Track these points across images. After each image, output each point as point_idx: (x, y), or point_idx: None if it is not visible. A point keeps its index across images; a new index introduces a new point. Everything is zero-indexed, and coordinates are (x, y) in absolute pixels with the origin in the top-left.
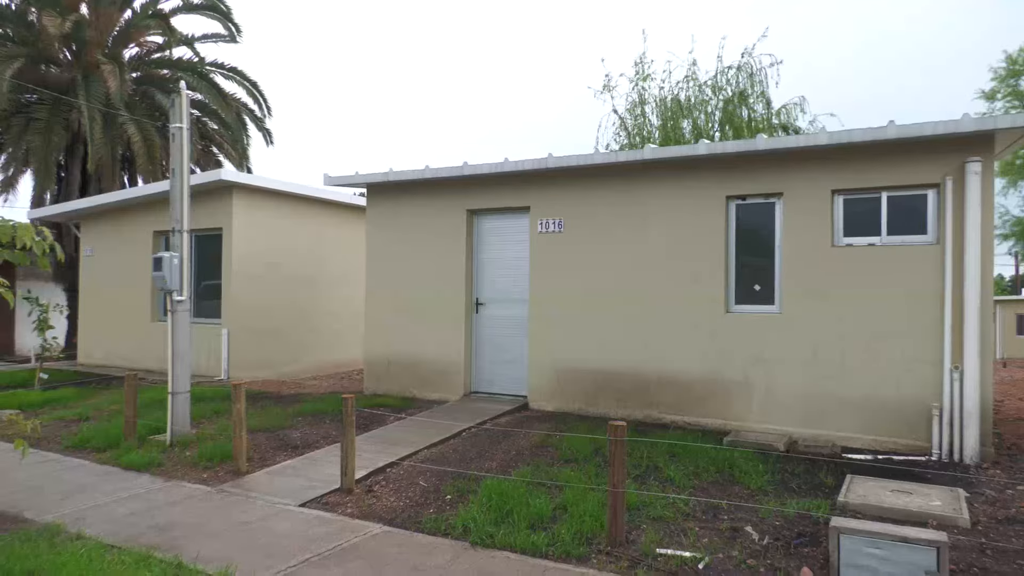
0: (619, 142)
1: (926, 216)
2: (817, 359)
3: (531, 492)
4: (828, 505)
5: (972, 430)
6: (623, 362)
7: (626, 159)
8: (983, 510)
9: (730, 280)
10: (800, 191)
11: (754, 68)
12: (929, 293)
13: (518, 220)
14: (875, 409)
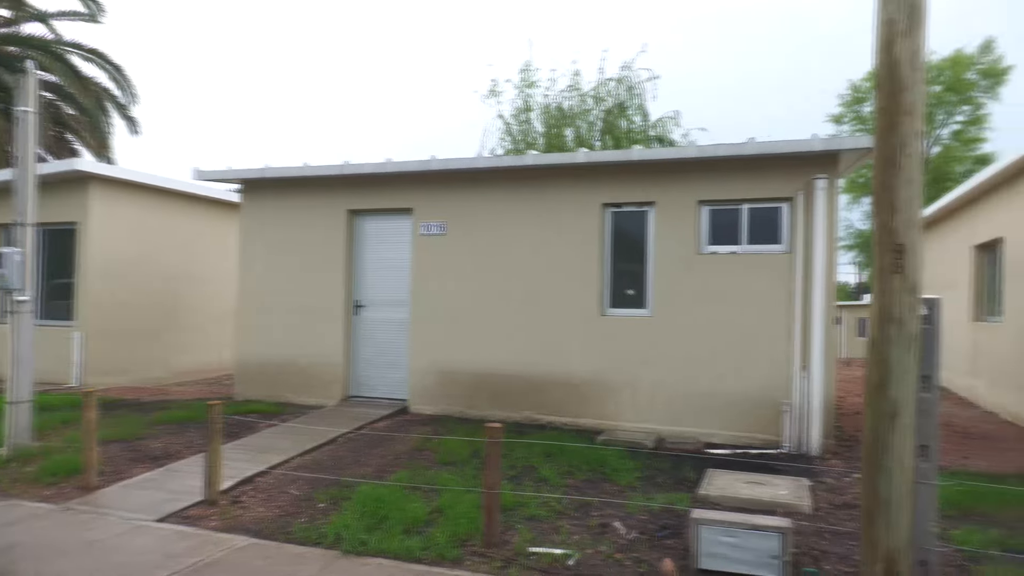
0: (505, 147)
1: (780, 227)
2: (684, 360)
3: (407, 496)
4: (690, 498)
5: (817, 425)
6: (503, 364)
7: (508, 164)
8: (823, 497)
9: (606, 284)
10: (670, 200)
11: (633, 81)
12: (782, 298)
13: (400, 222)
14: (734, 406)
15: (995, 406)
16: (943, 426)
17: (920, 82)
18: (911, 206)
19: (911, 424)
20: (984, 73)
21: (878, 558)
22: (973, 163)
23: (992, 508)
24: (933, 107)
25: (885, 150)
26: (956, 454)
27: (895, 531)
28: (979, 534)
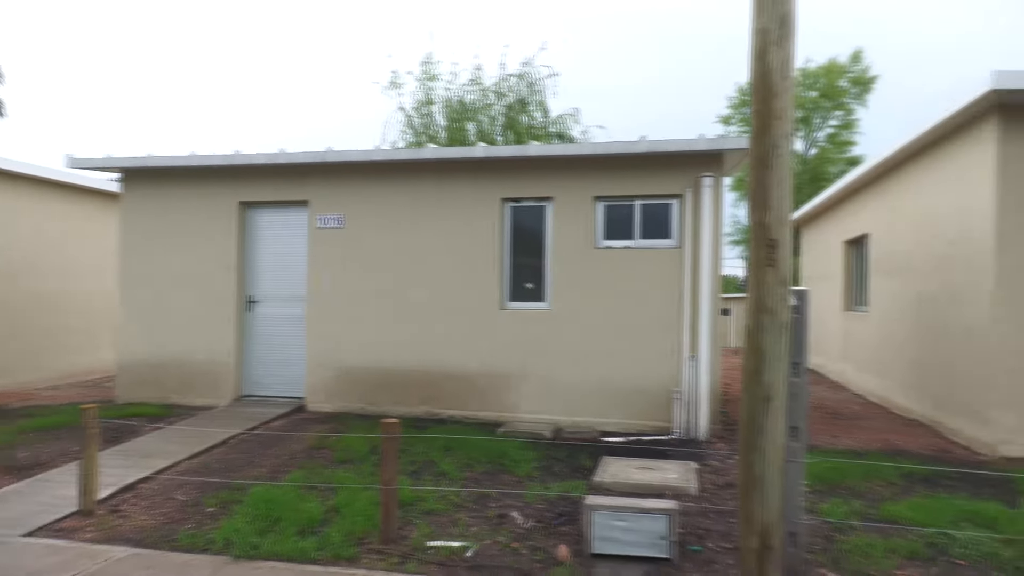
0: (406, 139)
1: (671, 223)
2: (581, 352)
3: (302, 497)
4: (585, 485)
5: (704, 410)
6: (404, 359)
7: (407, 157)
8: (709, 478)
9: (505, 278)
10: (567, 196)
11: (534, 78)
12: (673, 291)
13: (296, 214)
14: (629, 395)
15: (862, 389)
16: (817, 408)
17: (790, 89)
18: (782, 204)
19: (783, 407)
20: (854, 81)
21: (754, 532)
22: (845, 164)
23: (856, 482)
24: (810, 112)
25: (759, 151)
26: (827, 434)
27: (768, 506)
28: (844, 506)
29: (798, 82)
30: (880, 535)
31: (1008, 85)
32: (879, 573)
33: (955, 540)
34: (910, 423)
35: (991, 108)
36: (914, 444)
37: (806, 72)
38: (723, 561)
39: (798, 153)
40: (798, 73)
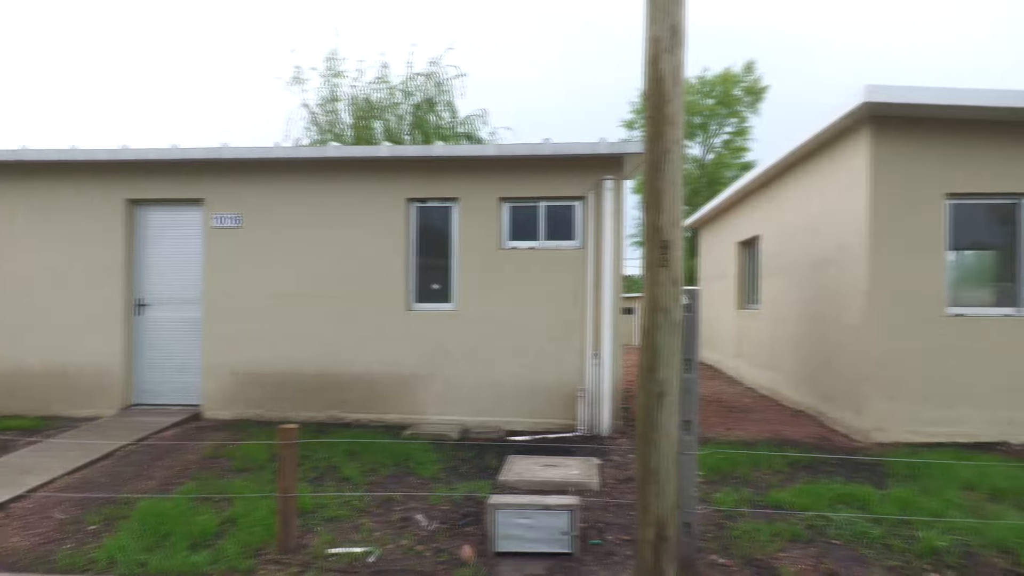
0: (311, 137)
1: (574, 224)
2: (487, 352)
3: (195, 509)
4: (490, 485)
5: (607, 407)
6: (307, 363)
7: (309, 156)
8: (610, 474)
9: (411, 279)
10: (473, 197)
11: (442, 78)
12: (577, 291)
13: (189, 213)
14: (535, 394)
15: (755, 383)
16: (713, 402)
17: (680, 95)
18: (674, 207)
19: (676, 402)
20: (747, 90)
21: (650, 523)
22: (739, 169)
23: (746, 471)
24: (708, 118)
25: (652, 155)
26: (722, 426)
27: (663, 498)
28: (734, 494)
29: (697, 90)
30: (766, 520)
31: (878, 98)
32: (764, 556)
33: (832, 522)
34: (797, 414)
35: (864, 119)
36: (800, 434)
37: (703, 80)
38: (622, 553)
39: (697, 158)
40: (697, 81)
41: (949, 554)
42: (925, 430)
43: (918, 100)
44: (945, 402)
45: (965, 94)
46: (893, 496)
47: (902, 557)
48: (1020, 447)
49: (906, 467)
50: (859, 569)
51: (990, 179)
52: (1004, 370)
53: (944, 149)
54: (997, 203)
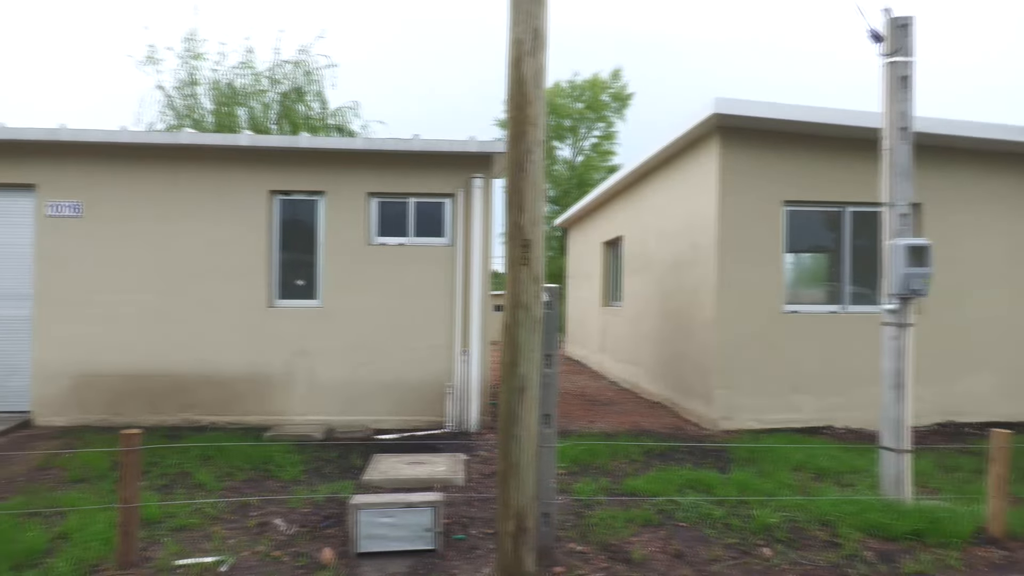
0: (166, 122)
1: (444, 221)
2: (355, 349)
3: (22, 525)
4: (354, 485)
5: (475, 403)
6: (156, 364)
7: (161, 141)
8: (476, 469)
9: (274, 274)
10: (341, 191)
11: (311, 67)
12: (446, 288)
13: (17, 199)
14: (403, 392)
15: (618, 377)
16: (578, 395)
17: (542, 98)
18: (535, 206)
19: (536, 396)
20: (614, 96)
21: (510, 515)
22: (606, 172)
23: (605, 461)
24: (577, 121)
25: (515, 156)
26: (585, 419)
27: (523, 490)
28: (593, 484)
29: (567, 93)
30: (622, 507)
31: (726, 110)
32: (619, 541)
33: (680, 505)
34: (655, 406)
35: (714, 130)
36: (656, 424)
37: (574, 84)
38: (485, 546)
39: (568, 159)
40: (568, 85)
41: (779, 529)
42: (765, 417)
43: (761, 114)
44: (782, 392)
45: (802, 111)
46: (734, 479)
47: (739, 535)
48: (843, 430)
49: (747, 452)
50: (702, 548)
51: (822, 189)
52: (830, 362)
53: (784, 160)
54: (827, 211)
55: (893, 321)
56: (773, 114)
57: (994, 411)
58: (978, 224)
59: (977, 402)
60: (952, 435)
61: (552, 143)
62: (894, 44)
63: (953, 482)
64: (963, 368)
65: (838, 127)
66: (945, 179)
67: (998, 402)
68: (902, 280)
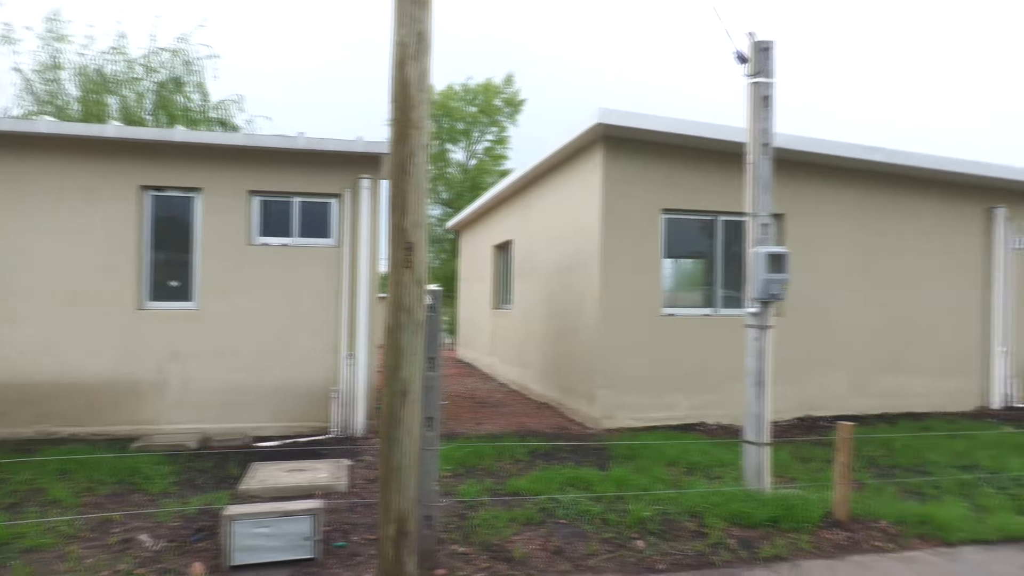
0: (25, 108)
1: (330, 222)
2: (234, 353)
3: None
4: (230, 495)
5: (361, 408)
6: (7, 369)
7: (13, 129)
8: (361, 474)
9: (144, 275)
10: (219, 188)
11: (191, 56)
12: (331, 290)
13: None
14: (285, 397)
15: (507, 379)
16: (468, 398)
17: (426, 101)
18: (419, 209)
19: (419, 399)
20: (507, 102)
21: (391, 520)
22: (499, 176)
23: (491, 462)
24: (470, 125)
25: (398, 158)
26: (473, 421)
27: (405, 494)
28: (477, 485)
29: (460, 97)
30: (505, 507)
31: (610, 121)
32: (501, 541)
33: (561, 503)
34: (542, 406)
35: (598, 139)
36: (542, 424)
37: (467, 88)
38: (366, 552)
39: (461, 163)
40: (461, 88)
41: (652, 522)
42: (645, 415)
43: (641, 125)
44: (660, 391)
45: (678, 123)
46: (612, 476)
47: (616, 529)
48: (715, 426)
49: (625, 450)
50: (580, 543)
51: (697, 198)
52: (703, 361)
53: (663, 169)
54: (702, 219)
55: (755, 323)
56: (652, 126)
57: (846, 405)
58: (832, 235)
59: (831, 397)
60: (809, 428)
61: (445, 146)
62: (757, 66)
63: (808, 472)
64: (819, 366)
65: (711, 140)
66: (805, 192)
67: (849, 397)
68: (762, 285)
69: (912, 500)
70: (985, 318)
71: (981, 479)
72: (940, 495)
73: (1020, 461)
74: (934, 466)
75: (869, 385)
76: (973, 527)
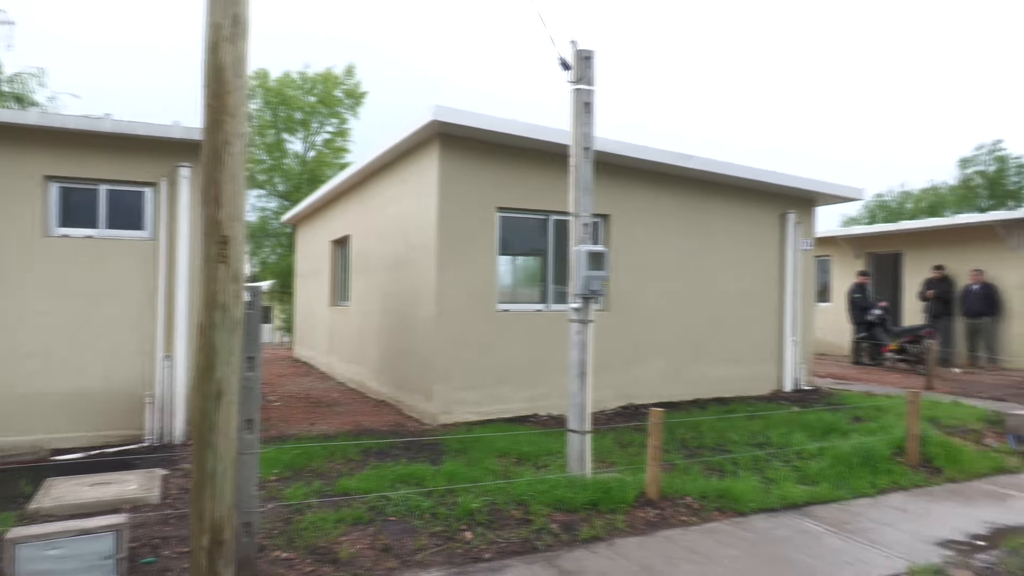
0: None
1: (144, 212)
2: (26, 357)
3: None
4: (17, 516)
5: (180, 413)
6: None
7: None
8: (177, 483)
9: None
10: (8, 173)
11: None
12: (146, 286)
13: None
14: (91, 404)
15: (345, 377)
16: (303, 398)
17: (244, 87)
18: (235, 201)
19: (236, 401)
20: (348, 93)
21: (205, 529)
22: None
23: (321, 463)
24: (309, 115)
25: (212, 146)
26: (306, 421)
27: (220, 501)
28: (305, 488)
29: (298, 85)
30: (333, 509)
31: (444, 118)
32: (327, 543)
33: (391, 500)
34: (379, 404)
35: (434, 136)
36: (378, 422)
37: (305, 77)
38: (178, 567)
39: (299, 154)
40: (299, 77)
41: (481, 513)
42: (481, 409)
43: (475, 124)
44: (496, 384)
45: (510, 124)
46: (444, 470)
47: (445, 522)
48: (546, 417)
49: (459, 444)
50: (409, 539)
51: (530, 198)
52: (537, 355)
53: (498, 168)
54: (535, 218)
55: (577, 318)
56: (485, 125)
57: (664, 392)
58: (654, 235)
59: (651, 385)
60: (631, 415)
61: (283, 136)
62: (579, 73)
63: (627, 456)
64: (641, 357)
65: (542, 142)
66: (630, 195)
67: (667, 385)
68: (584, 282)
69: (714, 476)
70: (780, 311)
71: (771, 454)
72: (737, 471)
73: (802, 436)
74: (734, 445)
75: (684, 373)
76: (762, 498)
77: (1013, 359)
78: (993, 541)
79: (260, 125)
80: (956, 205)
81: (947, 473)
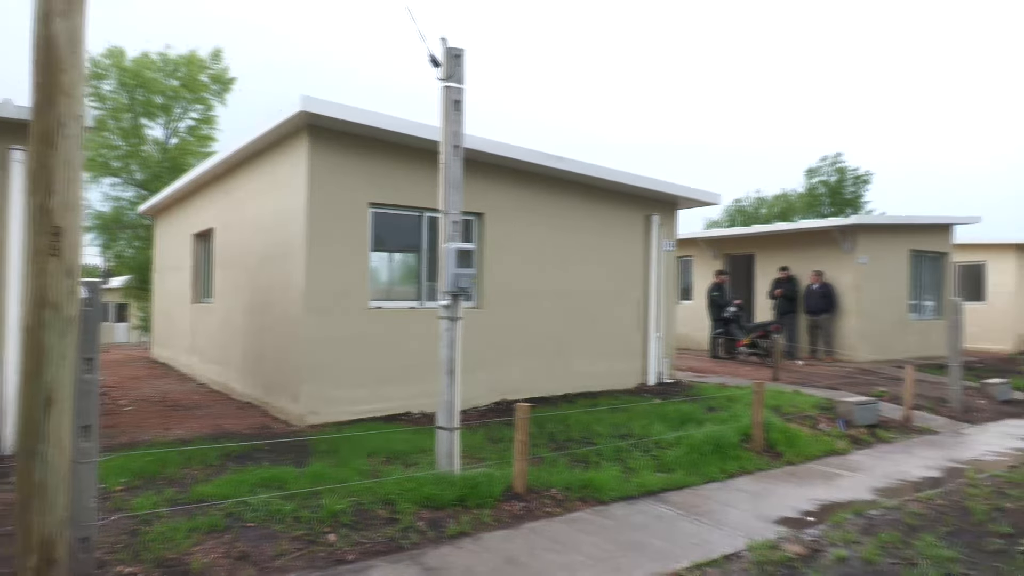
0: None
1: None
2: None
3: None
4: None
5: (10, 420)
6: None
7: None
8: (3, 498)
9: None
10: None
11: None
12: None
13: None
14: None
15: (207, 379)
16: (159, 402)
17: (81, 65)
18: (69, 188)
19: (70, 407)
20: (214, 78)
21: (32, 548)
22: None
23: (175, 470)
24: (171, 100)
25: (42, 128)
26: (162, 426)
27: (52, 515)
28: (155, 496)
29: (159, 67)
30: (187, 517)
31: (314, 110)
32: (178, 554)
33: (250, 506)
34: (244, 406)
35: (303, 128)
36: (241, 425)
37: (167, 59)
38: None
39: (160, 141)
40: (159, 58)
41: (345, 514)
42: (352, 408)
43: (346, 117)
44: (368, 383)
45: (380, 118)
46: (309, 472)
47: (307, 526)
48: (419, 415)
49: (328, 444)
50: (268, 545)
51: (403, 194)
52: (410, 353)
53: (370, 163)
54: (408, 214)
55: (446, 315)
56: (354, 118)
57: (536, 388)
58: (526, 234)
59: (524, 381)
60: (504, 411)
61: (140, 120)
62: (449, 70)
63: (497, 451)
64: (514, 354)
65: (413, 138)
66: (504, 194)
67: (539, 381)
68: (452, 279)
69: (579, 468)
70: (645, 309)
71: (632, 445)
72: (601, 462)
73: (662, 427)
74: (599, 436)
75: (555, 369)
76: (622, 486)
77: (847, 352)
78: (820, 517)
79: (115, 108)
80: (803, 211)
81: (786, 456)
